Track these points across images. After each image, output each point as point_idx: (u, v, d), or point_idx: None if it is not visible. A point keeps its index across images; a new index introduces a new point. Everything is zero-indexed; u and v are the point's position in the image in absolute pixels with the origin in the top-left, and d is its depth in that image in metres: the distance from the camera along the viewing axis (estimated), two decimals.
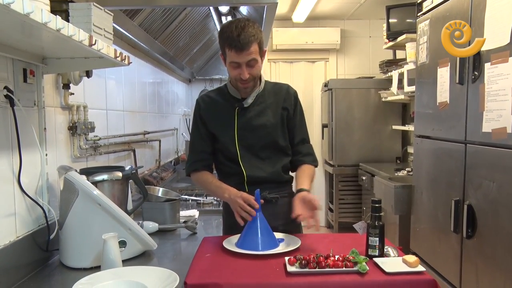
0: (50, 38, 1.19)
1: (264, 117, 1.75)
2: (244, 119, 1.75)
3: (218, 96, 1.81)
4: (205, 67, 5.28)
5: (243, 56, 1.60)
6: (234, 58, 1.61)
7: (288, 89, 1.83)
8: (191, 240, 1.83)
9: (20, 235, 1.41)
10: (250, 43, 1.58)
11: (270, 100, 1.78)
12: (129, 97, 2.78)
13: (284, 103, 1.79)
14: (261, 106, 1.77)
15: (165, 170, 3.49)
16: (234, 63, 1.63)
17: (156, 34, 2.92)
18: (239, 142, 1.75)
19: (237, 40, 1.57)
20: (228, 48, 1.61)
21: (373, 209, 1.44)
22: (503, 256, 1.78)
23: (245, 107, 1.75)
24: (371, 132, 4.53)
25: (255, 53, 1.62)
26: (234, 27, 1.59)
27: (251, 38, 1.58)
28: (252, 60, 1.62)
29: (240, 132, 1.75)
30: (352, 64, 5.19)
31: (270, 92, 1.80)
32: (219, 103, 1.79)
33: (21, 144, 1.39)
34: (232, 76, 1.70)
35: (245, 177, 1.75)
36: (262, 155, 1.77)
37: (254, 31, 1.60)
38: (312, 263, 1.29)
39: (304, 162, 1.80)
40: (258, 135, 1.75)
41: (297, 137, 1.82)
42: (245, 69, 1.63)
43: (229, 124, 1.75)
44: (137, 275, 1.24)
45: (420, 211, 2.62)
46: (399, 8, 3.94)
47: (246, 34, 1.57)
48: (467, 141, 2.07)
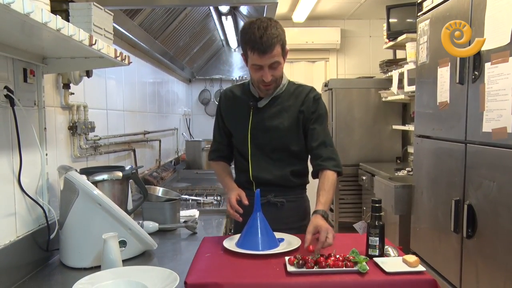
0: (50, 38, 1.19)
1: (278, 119, 1.72)
2: (258, 118, 1.74)
3: (240, 91, 1.81)
4: (205, 67, 5.28)
5: (266, 58, 1.56)
6: (256, 61, 1.58)
7: (309, 92, 1.75)
8: (191, 240, 1.83)
9: (20, 235, 1.41)
10: (273, 46, 1.53)
11: (288, 103, 1.74)
12: (129, 97, 2.78)
13: (301, 107, 1.73)
14: (277, 108, 1.73)
15: (165, 170, 3.49)
16: (256, 66, 1.60)
17: (156, 34, 2.92)
18: (252, 140, 1.75)
19: (260, 42, 1.52)
20: (250, 50, 1.57)
21: (373, 209, 1.44)
22: (503, 256, 1.78)
23: (259, 107, 1.73)
24: (371, 132, 4.53)
25: (277, 55, 1.57)
26: (257, 28, 1.53)
27: (273, 40, 1.53)
28: (275, 63, 1.59)
29: (253, 131, 1.74)
30: (352, 64, 5.19)
31: (290, 94, 1.75)
32: (239, 99, 1.79)
33: (21, 144, 1.39)
34: (254, 78, 1.67)
35: (251, 177, 1.75)
36: (273, 156, 1.75)
37: (277, 32, 1.55)
38: (310, 263, 1.29)
39: (324, 167, 1.69)
40: (270, 137, 1.73)
41: (317, 140, 1.72)
42: (268, 71, 1.59)
43: (244, 122, 1.75)
44: (137, 275, 1.24)
45: (420, 211, 2.62)
46: (399, 8, 3.94)
47: (268, 35, 1.52)
48: (467, 141, 2.07)
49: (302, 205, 1.85)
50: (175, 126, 4.36)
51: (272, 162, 1.75)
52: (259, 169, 1.75)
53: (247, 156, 1.76)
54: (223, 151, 1.88)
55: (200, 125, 5.33)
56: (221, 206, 2.46)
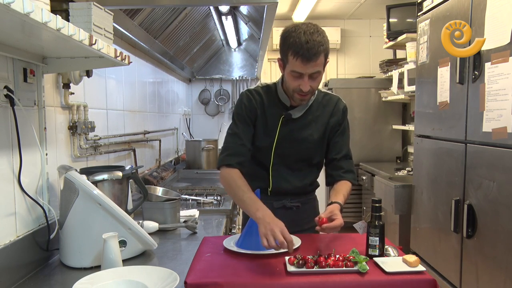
0: (50, 37, 1.19)
1: (307, 131, 1.67)
2: (287, 128, 1.66)
3: (267, 96, 1.68)
4: (205, 67, 5.28)
5: (309, 67, 1.47)
6: (298, 68, 1.48)
7: (337, 102, 1.72)
8: (191, 240, 1.83)
9: (20, 234, 1.41)
10: (318, 54, 1.45)
11: (317, 113, 1.68)
12: (129, 97, 2.78)
13: (330, 118, 1.69)
14: (307, 119, 1.66)
15: (165, 170, 3.49)
16: (296, 73, 1.50)
17: (156, 34, 2.92)
18: (275, 150, 1.68)
19: (305, 48, 1.43)
20: (293, 55, 1.46)
21: (373, 208, 1.44)
22: (503, 256, 1.78)
23: (293, 118, 1.64)
24: (371, 131, 4.53)
25: (320, 65, 1.49)
26: (303, 32, 1.45)
27: (320, 48, 1.45)
28: (316, 72, 1.50)
29: (280, 141, 1.66)
30: (352, 64, 5.19)
31: (319, 104, 1.69)
32: (267, 104, 1.67)
33: (21, 143, 1.39)
34: (291, 86, 1.56)
35: (270, 186, 1.71)
36: (294, 167, 1.71)
37: (323, 39, 1.47)
38: (310, 263, 1.29)
39: (345, 178, 1.70)
40: (297, 148, 1.68)
41: (341, 152, 1.72)
42: (307, 80, 1.50)
43: (272, 130, 1.66)
44: (137, 274, 1.24)
45: (420, 210, 2.62)
46: (400, 8, 3.94)
47: (314, 42, 1.44)
48: (467, 141, 2.07)
49: (313, 205, 1.87)
50: (175, 126, 4.36)
51: (292, 173, 1.70)
52: (278, 179, 1.70)
53: (268, 165, 1.69)
54: (244, 155, 1.64)
55: (200, 125, 5.33)
56: (221, 206, 2.46)
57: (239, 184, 1.56)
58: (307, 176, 1.74)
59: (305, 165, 1.73)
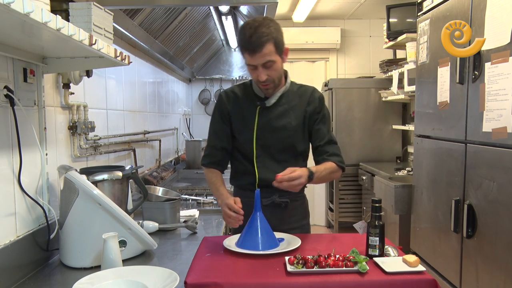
0: (50, 37, 1.19)
1: (285, 119, 1.71)
2: (265, 119, 1.72)
3: (242, 92, 1.77)
4: (205, 67, 5.28)
5: (257, 58, 1.56)
6: (249, 61, 1.59)
7: (313, 92, 1.77)
8: (191, 240, 1.83)
9: (20, 234, 1.41)
10: (263, 44, 1.52)
11: (294, 102, 1.73)
12: (129, 97, 2.78)
13: (308, 106, 1.74)
14: (284, 107, 1.72)
15: (165, 170, 3.49)
16: (250, 66, 1.60)
17: (156, 34, 2.92)
18: (257, 141, 1.72)
19: (249, 42, 1.53)
20: (242, 50, 1.59)
21: (373, 208, 1.44)
22: (503, 256, 1.78)
23: (267, 106, 1.71)
24: (371, 131, 4.53)
25: (270, 54, 1.56)
26: (248, 27, 1.54)
27: (263, 39, 1.52)
28: (267, 62, 1.57)
29: (260, 132, 1.71)
30: (352, 64, 5.19)
31: (295, 94, 1.75)
32: (242, 99, 1.76)
33: (21, 143, 1.39)
34: (253, 79, 1.67)
35: (257, 179, 1.73)
36: (279, 157, 1.73)
37: (268, 30, 1.53)
38: (310, 263, 1.29)
39: (329, 161, 1.71)
40: (278, 137, 1.71)
41: (324, 139, 1.74)
42: (262, 70, 1.59)
43: (250, 123, 1.72)
44: (137, 274, 1.24)
45: (420, 210, 2.62)
46: (400, 8, 3.94)
47: (258, 35, 1.52)
48: (467, 141, 2.07)
49: (303, 204, 1.86)
50: (175, 126, 4.36)
51: (278, 164, 1.71)
52: (264, 170, 1.72)
53: (252, 158, 1.73)
54: (216, 156, 1.80)
55: (200, 125, 5.33)
56: None
57: (209, 177, 1.80)
58: (293, 166, 1.73)
59: (290, 155, 1.75)
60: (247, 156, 1.75)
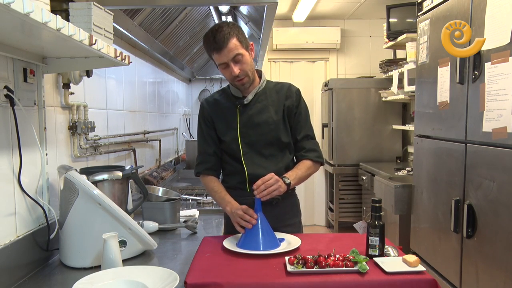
0: (50, 37, 1.19)
1: (266, 114, 1.75)
2: (246, 116, 1.76)
3: (221, 96, 1.84)
4: (205, 67, 5.28)
5: (225, 54, 1.62)
6: (219, 60, 1.65)
7: (290, 87, 1.83)
8: (191, 240, 1.83)
9: (21, 234, 1.41)
10: (227, 40, 1.61)
11: (272, 98, 1.79)
12: (129, 97, 2.78)
13: (286, 101, 1.78)
14: (262, 103, 1.77)
15: (165, 170, 3.49)
16: (222, 64, 1.67)
17: (156, 34, 2.92)
18: (242, 139, 1.75)
19: (214, 41, 1.62)
20: (210, 52, 1.67)
21: (373, 208, 1.44)
22: (503, 256, 1.78)
23: (245, 103, 1.76)
24: (371, 131, 4.53)
25: (236, 48, 1.63)
26: (211, 32, 1.65)
27: (226, 35, 1.61)
28: (236, 56, 1.64)
29: (243, 130, 1.75)
30: (352, 64, 5.19)
31: (271, 90, 1.81)
32: (222, 103, 1.81)
33: (21, 143, 1.39)
34: (228, 78, 1.72)
35: (246, 176, 1.74)
36: (265, 152, 1.76)
37: (228, 29, 1.63)
38: (310, 263, 1.29)
39: (306, 158, 1.78)
40: (261, 132, 1.75)
41: (301, 133, 1.80)
42: (233, 65, 1.65)
43: (232, 122, 1.76)
44: (137, 274, 1.24)
45: (420, 210, 2.62)
46: (400, 8, 3.94)
47: (221, 33, 1.62)
48: (467, 141, 2.07)
49: (294, 202, 1.88)
50: (175, 126, 4.36)
51: (265, 159, 1.75)
52: (253, 167, 1.74)
53: (239, 156, 1.75)
54: (209, 161, 1.81)
55: None
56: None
57: (211, 186, 1.79)
58: (280, 160, 1.78)
59: (276, 149, 1.77)
60: (234, 156, 1.78)
